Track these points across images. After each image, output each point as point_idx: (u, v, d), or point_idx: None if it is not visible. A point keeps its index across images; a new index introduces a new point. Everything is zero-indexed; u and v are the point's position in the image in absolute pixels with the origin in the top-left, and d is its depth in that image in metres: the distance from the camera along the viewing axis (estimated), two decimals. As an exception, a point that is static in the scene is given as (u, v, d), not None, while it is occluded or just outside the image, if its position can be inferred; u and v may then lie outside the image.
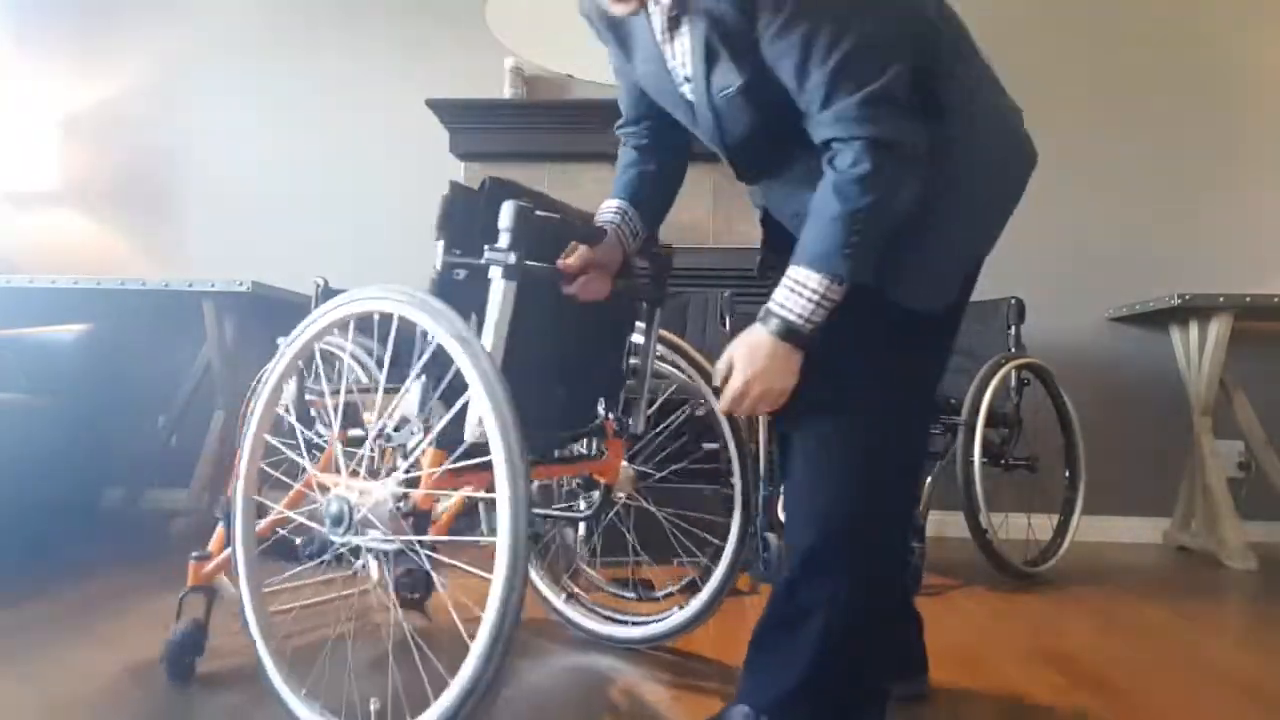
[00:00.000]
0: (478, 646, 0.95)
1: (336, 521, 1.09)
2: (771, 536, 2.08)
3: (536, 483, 1.85)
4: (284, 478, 1.29)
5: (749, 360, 1.06)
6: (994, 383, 2.24)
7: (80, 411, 2.48)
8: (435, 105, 2.93)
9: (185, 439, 2.95)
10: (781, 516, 2.15)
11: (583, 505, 1.60)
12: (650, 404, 1.52)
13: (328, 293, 2.40)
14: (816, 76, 0.99)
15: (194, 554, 1.45)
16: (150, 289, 2.68)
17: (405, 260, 3.10)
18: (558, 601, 1.75)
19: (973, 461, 2.18)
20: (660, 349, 1.56)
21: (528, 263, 1.14)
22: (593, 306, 1.30)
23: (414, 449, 1.11)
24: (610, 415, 1.46)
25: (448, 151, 3.03)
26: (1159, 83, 3.04)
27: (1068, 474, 2.50)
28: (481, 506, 1.85)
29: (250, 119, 3.23)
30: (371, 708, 1.12)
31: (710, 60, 1.07)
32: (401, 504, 1.09)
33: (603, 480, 1.49)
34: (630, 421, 1.48)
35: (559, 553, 1.84)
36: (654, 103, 1.24)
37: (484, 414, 1.00)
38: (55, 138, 3.21)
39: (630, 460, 1.59)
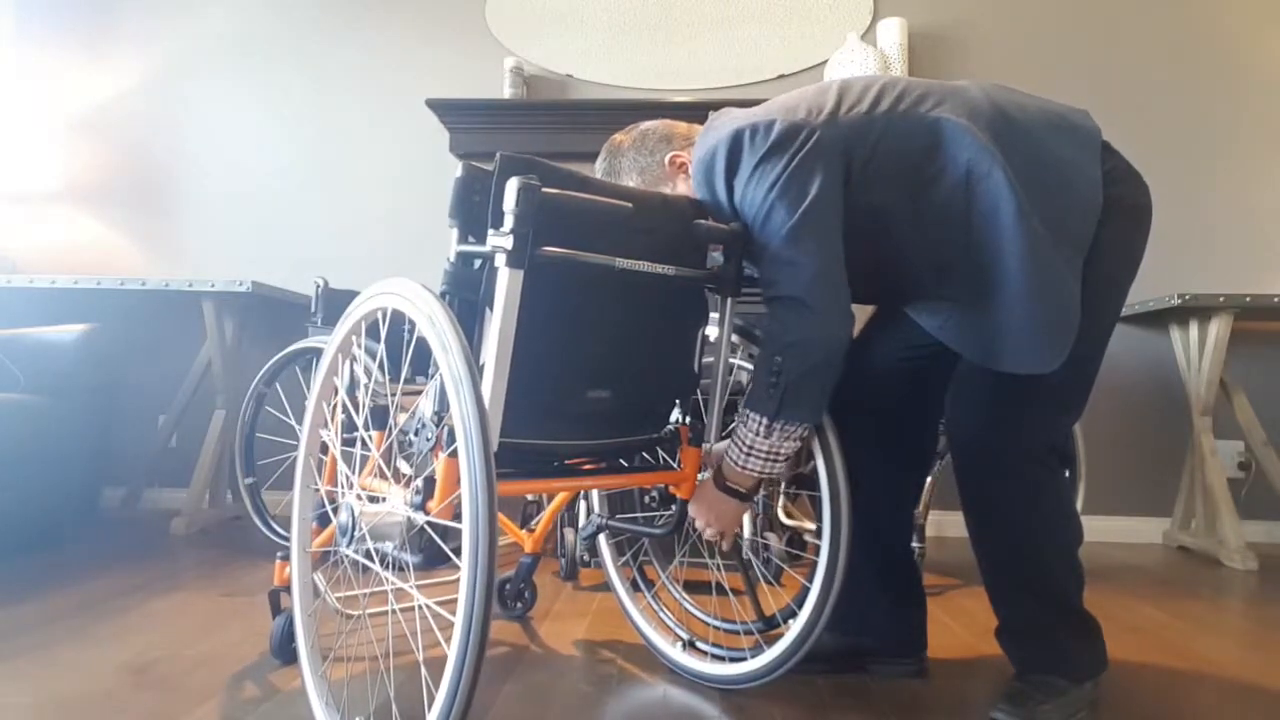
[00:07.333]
0: (447, 671, 0.86)
1: (343, 531, 1.05)
2: (772, 537, 2.07)
3: (602, 492, 1.73)
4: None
5: (699, 501, 1.30)
6: (994, 383, 2.24)
7: (80, 411, 2.48)
8: (435, 105, 2.94)
9: (185, 439, 2.96)
10: (782, 516, 2.16)
11: (662, 520, 1.41)
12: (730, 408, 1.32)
13: (328, 293, 2.39)
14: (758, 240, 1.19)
15: (279, 554, 1.54)
16: (150, 289, 2.68)
17: (406, 260, 3.12)
18: (673, 651, 1.49)
19: (973, 461, 2.17)
20: (736, 340, 1.37)
21: (550, 249, 1.04)
22: (650, 299, 1.19)
23: (422, 456, 1.03)
24: (686, 421, 1.32)
25: (448, 151, 3.04)
26: (1158, 82, 3.04)
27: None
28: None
29: (250, 119, 3.23)
30: None
31: None
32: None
33: (678, 494, 1.34)
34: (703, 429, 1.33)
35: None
36: None
37: (455, 416, 0.89)
38: (56, 138, 3.22)
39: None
